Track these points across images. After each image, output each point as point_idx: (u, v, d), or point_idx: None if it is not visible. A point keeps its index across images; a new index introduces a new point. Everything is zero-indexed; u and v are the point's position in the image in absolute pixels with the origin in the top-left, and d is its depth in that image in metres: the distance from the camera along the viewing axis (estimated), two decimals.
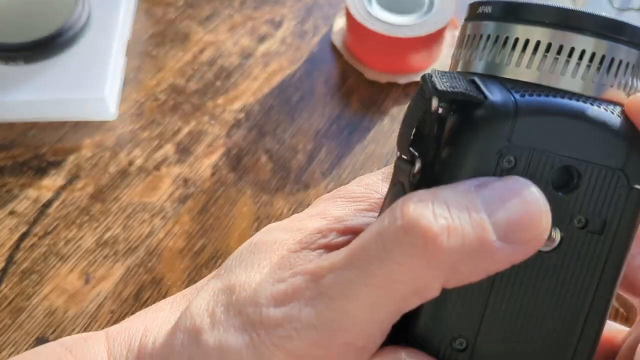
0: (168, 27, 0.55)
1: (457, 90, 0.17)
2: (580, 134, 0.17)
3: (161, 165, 0.46)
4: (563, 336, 0.18)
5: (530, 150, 0.17)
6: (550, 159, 0.17)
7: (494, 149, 0.17)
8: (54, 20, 0.50)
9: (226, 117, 0.49)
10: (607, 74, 0.18)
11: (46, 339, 0.38)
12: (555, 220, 0.17)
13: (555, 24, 0.18)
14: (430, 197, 0.16)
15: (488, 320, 0.18)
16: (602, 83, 0.18)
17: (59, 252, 0.42)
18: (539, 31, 0.18)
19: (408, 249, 0.16)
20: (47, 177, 0.45)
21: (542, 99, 0.17)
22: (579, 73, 0.18)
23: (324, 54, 0.54)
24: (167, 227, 0.43)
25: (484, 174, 0.17)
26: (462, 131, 0.17)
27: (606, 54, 0.18)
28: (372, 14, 0.50)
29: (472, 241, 0.16)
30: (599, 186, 0.17)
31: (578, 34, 0.18)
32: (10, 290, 0.40)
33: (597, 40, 0.18)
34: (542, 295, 0.18)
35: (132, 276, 0.41)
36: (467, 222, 0.16)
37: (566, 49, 0.18)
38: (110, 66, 0.49)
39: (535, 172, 0.17)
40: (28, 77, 0.48)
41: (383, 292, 0.16)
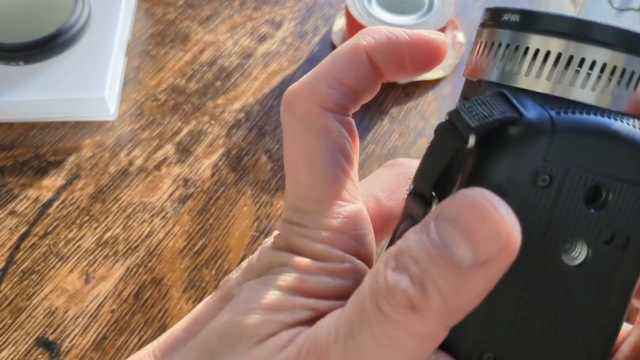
0: (168, 27, 0.55)
1: (493, 118, 0.16)
2: (611, 151, 0.17)
3: (161, 165, 0.46)
4: (585, 344, 0.18)
5: (565, 168, 0.17)
6: (583, 177, 0.17)
7: (529, 167, 0.16)
8: (54, 20, 0.50)
9: (226, 117, 0.49)
10: (626, 87, 0.18)
11: (46, 338, 0.38)
12: (584, 236, 0.17)
13: (576, 36, 0.17)
14: (401, 255, 0.17)
15: (516, 334, 0.18)
16: (622, 96, 0.18)
17: (59, 252, 0.42)
18: (557, 42, 0.18)
19: (399, 309, 0.16)
20: (47, 177, 0.45)
21: (576, 116, 0.17)
22: (600, 86, 0.18)
23: (324, 54, 0.54)
24: (167, 227, 0.43)
25: (516, 194, 0.17)
26: (493, 149, 0.17)
27: (626, 67, 0.18)
28: (372, 14, 0.50)
29: (447, 283, 0.16)
30: (626, 202, 0.17)
31: (598, 47, 0.17)
32: (11, 290, 0.40)
33: (616, 53, 0.17)
34: (567, 307, 0.18)
35: (132, 276, 0.41)
36: (435, 268, 0.16)
37: (587, 62, 0.17)
38: (110, 66, 0.49)
39: (569, 190, 0.17)
40: (28, 77, 0.48)
41: (393, 351, 0.16)
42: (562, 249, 0.17)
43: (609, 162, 0.17)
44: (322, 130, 0.20)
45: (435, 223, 0.16)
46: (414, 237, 0.17)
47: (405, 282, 0.16)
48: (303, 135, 0.20)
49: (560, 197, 0.17)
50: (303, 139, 0.20)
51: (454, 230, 0.16)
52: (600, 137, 0.17)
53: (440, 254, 0.16)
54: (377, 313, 0.16)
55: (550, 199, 0.17)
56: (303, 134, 0.20)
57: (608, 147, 0.17)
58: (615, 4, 0.60)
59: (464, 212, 0.16)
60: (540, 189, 0.17)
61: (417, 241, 0.17)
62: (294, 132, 0.20)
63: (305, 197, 0.20)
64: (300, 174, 0.20)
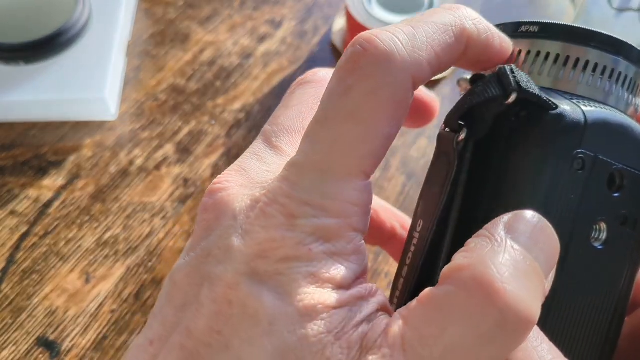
0: (168, 27, 0.56)
1: (535, 92, 0.18)
2: (627, 143, 0.19)
3: (161, 165, 0.46)
4: (606, 320, 0.20)
5: (594, 156, 0.19)
6: (606, 164, 0.19)
7: (569, 152, 0.19)
8: (54, 20, 0.50)
9: (226, 117, 0.49)
10: (621, 86, 0.21)
11: (47, 338, 0.38)
12: (605, 217, 0.19)
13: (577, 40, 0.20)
14: (513, 270, 0.16)
15: (554, 313, 0.19)
16: (626, 99, 0.21)
17: (59, 252, 0.42)
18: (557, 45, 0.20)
19: (509, 333, 0.16)
20: (47, 177, 0.45)
21: (600, 110, 0.19)
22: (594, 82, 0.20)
23: (324, 54, 0.54)
24: (167, 227, 0.43)
25: (558, 173, 0.18)
26: (534, 133, 0.19)
27: (614, 68, 0.20)
28: (372, 14, 0.50)
29: (542, 296, 0.17)
30: (635, 189, 0.20)
31: (592, 49, 0.20)
32: (11, 290, 0.40)
33: (603, 53, 0.20)
34: (594, 287, 0.20)
35: (133, 276, 0.41)
36: (538, 287, 0.16)
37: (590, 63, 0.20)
38: (111, 66, 0.49)
39: (597, 176, 0.19)
40: (28, 77, 0.48)
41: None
42: (590, 229, 0.19)
43: (626, 152, 0.19)
44: (402, 111, 0.18)
45: (508, 233, 0.17)
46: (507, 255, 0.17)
47: (526, 303, 0.16)
48: (384, 101, 0.18)
49: (590, 180, 0.19)
50: (383, 105, 0.18)
51: (532, 244, 0.17)
52: (619, 129, 0.19)
53: (537, 277, 0.17)
54: (479, 338, 0.15)
55: (582, 181, 0.19)
56: (384, 101, 0.18)
57: (625, 139, 0.19)
58: (614, 5, 0.60)
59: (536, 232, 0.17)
60: (576, 171, 0.19)
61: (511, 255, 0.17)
62: (376, 88, 0.18)
63: (343, 163, 0.18)
64: (355, 135, 0.18)
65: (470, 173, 0.20)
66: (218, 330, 0.17)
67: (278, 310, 0.16)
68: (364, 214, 0.18)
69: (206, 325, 0.17)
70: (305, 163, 0.18)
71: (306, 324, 0.16)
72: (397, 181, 0.47)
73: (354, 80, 0.18)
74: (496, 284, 0.15)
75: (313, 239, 0.17)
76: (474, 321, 0.15)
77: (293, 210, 0.17)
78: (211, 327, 0.17)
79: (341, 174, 0.18)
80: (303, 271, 0.17)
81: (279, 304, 0.16)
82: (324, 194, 0.18)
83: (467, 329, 0.15)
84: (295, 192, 0.18)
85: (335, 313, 0.17)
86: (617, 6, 0.60)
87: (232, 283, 0.17)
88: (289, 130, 0.22)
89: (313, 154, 0.18)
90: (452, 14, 0.19)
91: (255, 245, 0.17)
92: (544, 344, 0.17)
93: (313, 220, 0.17)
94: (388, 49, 0.18)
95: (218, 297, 0.17)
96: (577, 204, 0.19)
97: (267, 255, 0.17)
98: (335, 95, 0.18)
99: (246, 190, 0.19)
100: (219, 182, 0.20)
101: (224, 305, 0.17)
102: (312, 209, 0.17)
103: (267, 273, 0.17)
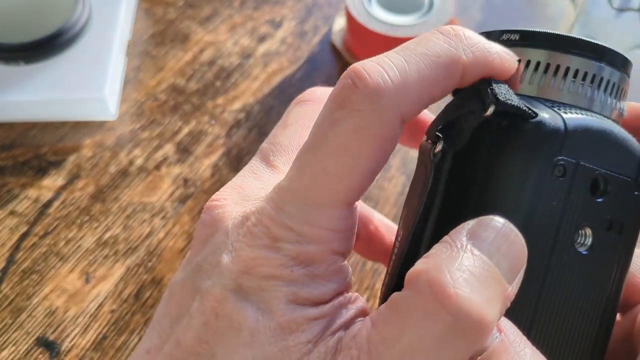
0: (168, 27, 0.55)
1: (513, 103, 0.18)
2: (609, 148, 0.19)
3: (161, 165, 0.46)
4: (591, 327, 0.20)
5: (575, 162, 0.19)
6: (588, 169, 0.19)
7: (548, 160, 0.19)
8: (54, 20, 0.50)
9: (226, 117, 0.49)
10: (603, 91, 0.21)
11: (46, 338, 0.38)
12: (590, 222, 0.19)
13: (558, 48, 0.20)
14: (468, 275, 0.16)
15: (540, 319, 0.19)
16: (600, 99, 0.21)
17: (59, 252, 0.42)
18: (542, 53, 0.20)
19: (463, 336, 0.16)
20: (47, 177, 0.45)
21: (581, 116, 0.19)
22: (575, 88, 0.20)
23: (324, 54, 0.54)
24: (167, 227, 0.43)
25: (539, 181, 0.18)
26: (514, 142, 0.19)
27: (595, 74, 0.20)
28: (372, 14, 0.50)
29: (502, 301, 0.17)
30: (620, 193, 0.20)
31: (574, 56, 0.20)
32: (11, 290, 0.40)
33: (586, 60, 0.20)
34: (580, 291, 0.20)
35: (132, 276, 0.41)
36: (496, 292, 0.17)
37: (571, 70, 0.20)
38: (111, 66, 0.49)
39: (579, 182, 0.19)
40: (28, 77, 0.48)
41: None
42: (575, 235, 0.19)
43: (608, 157, 0.19)
44: (388, 146, 0.18)
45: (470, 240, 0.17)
46: (468, 261, 0.17)
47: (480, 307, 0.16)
48: (370, 137, 0.18)
49: (572, 186, 0.19)
50: (368, 141, 0.18)
51: (494, 250, 0.17)
52: (601, 135, 0.19)
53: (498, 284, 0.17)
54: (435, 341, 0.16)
55: (564, 188, 0.19)
56: (370, 137, 0.18)
57: (607, 144, 0.19)
58: (614, 5, 0.60)
59: (500, 237, 0.17)
60: (557, 178, 0.19)
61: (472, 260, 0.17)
62: (362, 125, 0.18)
63: (325, 194, 0.18)
64: (339, 168, 0.18)
65: (447, 184, 0.20)
66: (206, 340, 0.18)
67: (260, 324, 0.18)
68: (347, 238, 0.19)
69: (195, 336, 0.18)
70: (291, 189, 0.19)
71: (287, 336, 0.17)
72: (397, 181, 0.47)
73: (342, 114, 0.18)
74: (448, 289, 0.16)
75: (295, 262, 0.18)
76: (428, 324, 0.16)
77: (276, 233, 0.18)
78: (200, 337, 0.18)
79: (323, 204, 0.18)
80: (284, 290, 0.18)
81: (260, 318, 0.18)
82: (306, 220, 0.18)
83: (422, 331, 0.16)
84: (280, 215, 0.18)
85: (315, 324, 0.18)
86: (617, 6, 0.60)
87: (220, 297, 0.18)
88: (286, 149, 0.23)
89: (299, 181, 0.19)
90: (448, 43, 0.19)
91: (242, 262, 0.18)
92: (527, 349, 0.17)
93: (295, 245, 0.18)
94: (376, 85, 0.18)
95: (206, 310, 0.18)
96: (561, 211, 0.19)
97: (252, 272, 0.18)
98: (324, 126, 0.19)
99: (240, 207, 0.20)
100: (217, 199, 0.21)
101: (211, 317, 0.18)
102: (295, 234, 0.18)
103: (251, 289, 0.18)
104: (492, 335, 0.17)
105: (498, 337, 0.17)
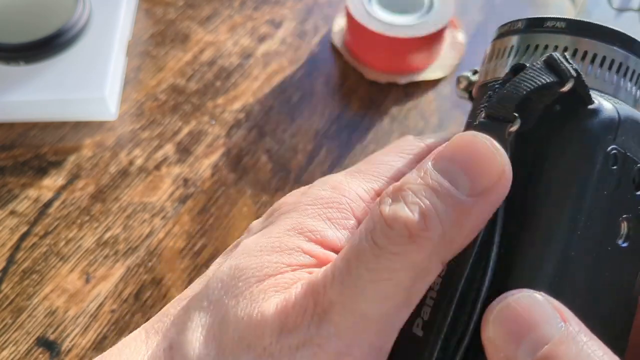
0: (168, 27, 0.55)
1: (585, 82, 0.18)
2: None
3: (161, 165, 0.46)
4: (626, 316, 0.20)
5: (624, 153, 0.19)
6: (633, 162, 0.19)
7: (604, 148, 0.18)
8: (54, 20, 0.50)
9: (226, 117, 0.49)
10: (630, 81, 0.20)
11: (46, 338, 0.38)
12: (630, 215, 0.19)
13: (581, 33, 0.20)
14: (399, 188, 0.18)
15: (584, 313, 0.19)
16: (634, 95, 0.20)
17: (59, 252, 0.42)
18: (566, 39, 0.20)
19: (397, 240, 0.17)
20: (47, 177, 0.45)
21: (627, 107, 0.19)
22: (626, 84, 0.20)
23: (324, 54, 0.54)
24: (167, 227, 0.43)
25: (594, 169, 0.18)
26: (575, 128, 0.18)
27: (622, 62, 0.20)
28: (372, 14, 0.50)
29: (446, 212, 0.17)
30: None
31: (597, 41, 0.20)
32: (11, 290, 0.40)
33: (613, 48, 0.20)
34: (616, 285, 0.19)
35: (133, 276, 0.41)
36: (436, 198, 0.17)
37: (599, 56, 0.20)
38: (111, 66, 0.49)
39: (626, 173, 0.19)
40: (28, 77, 0.48)
41: (389, 283, 0.17)
42: (618, 227, 0.19)
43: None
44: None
45: (433, 162, 0.18)
46: (411, 176, 0.18)
47: (405, 212, 0.17)
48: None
49: (622, 177, 0.18)
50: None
51: (452, 166, 0.17)
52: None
53: (440, 186, 0.17)
54: (373, 248, 0.17)
55: (615, 177, 0.18)
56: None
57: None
58: (614, 5, 0.60)
59: (461, 150, 0.17)
60: (610, 167, 0.18)
61: (415, 178, 0.18)
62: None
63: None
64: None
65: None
66: None
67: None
68: None
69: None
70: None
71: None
72: None
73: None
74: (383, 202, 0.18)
75: None
76: (364, 225, 0.18)
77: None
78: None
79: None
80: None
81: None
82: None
83: (362, 229, 0.18)
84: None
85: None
86: (617, 6, 0.60)
87: None
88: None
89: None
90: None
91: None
92: (593, 341, 0.17)
93: None
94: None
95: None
96: (610, 201, 0.18)
97: None
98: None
99: None
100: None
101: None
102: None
103: None
104: (557, 324, 0.17)
105: (563, 326, 0.17)
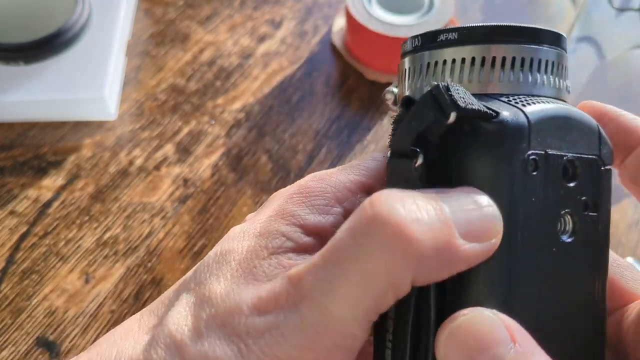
0: (168, 27, 0.55)
1: (474, 107, 0.18)
2: (571, 132, 0.19)
3: (161, 165, 0.46)
4: (590, 317, 0.20)
5: (544, 153, 0.18)
6: (557, 157, 0.19)
7: (519, 159, 0.18)
8: (54, 20, 0.50)
9: (226, 117, 0.49)
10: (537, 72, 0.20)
11: (46, 338, 0.38)
12: (568, 209, 0.19)
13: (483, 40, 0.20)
14: (400, 194, 0.17)
15: (542, 324, 0.19)
16: (554, 85, 0.20)
17: (59, 252, 0.42)
18: (469, 49, 0.20)
19: (378, 239, 0.16)
20: (47, 177, 0.45)
21: (538, 105, 0.19)
22: (515, 76, 0.20)
23: (324, 54, 0.54)
24: (167, 227, 0.43)
25: (514, 183, 0.18)
26: (481, 146, 0.18)
27: (524, 56, 0.20)
28: (372, 14, 0.50)
29: (439, 235, 0.17)
30: (589, 173, 0.20)
31: (500, 44, 0.20)
32: (11, 290, 0.40)
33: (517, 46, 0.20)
34: (574, 282, 0.19)
35: (132, 276, 0.41)
36: (435, 217, 0.17)
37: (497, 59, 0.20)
38: (111, 66, 0.49)
39: (551, 171, 0.19)
40: (28, 77, 0.48)
41: (359, 288, 0.17)
42: (558, 225, 0.19)
43: (571, 140, 0.19)
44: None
45: (439, 195, 0.18)
46: (415, 192, 0.17)
47: (399, 209, 0.17)
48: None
49: (547, 178, 0.18)
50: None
51: (456, 205, 0.17)
52: (560, 119, 0.19)
53: (441, 214, 0.17)
54: (352, 246, 0.17)
55: (540, 181, 0.18)
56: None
57: (567, 127, 0.19)
58: (615, 4, 0.60)
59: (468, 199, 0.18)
60: (531, 174, 0.18)
61: (420, 195, 0.17)
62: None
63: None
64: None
65: None
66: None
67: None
68: None
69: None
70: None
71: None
72: None
73: None
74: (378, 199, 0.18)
75: None
76: (352, 218, 0.18)
77: None
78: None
79: None
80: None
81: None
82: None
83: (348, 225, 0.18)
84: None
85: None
86: (617, 6, 0.60)
87: None
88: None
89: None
90: None
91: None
92: (542, 358, 0.17)
93: None
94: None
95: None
96: (540, 205, 0.18)
97: None
98: None
99: None
100: None
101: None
102: None
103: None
104: (507, 346, 0.17)
105: (513, 348, 0.17)
